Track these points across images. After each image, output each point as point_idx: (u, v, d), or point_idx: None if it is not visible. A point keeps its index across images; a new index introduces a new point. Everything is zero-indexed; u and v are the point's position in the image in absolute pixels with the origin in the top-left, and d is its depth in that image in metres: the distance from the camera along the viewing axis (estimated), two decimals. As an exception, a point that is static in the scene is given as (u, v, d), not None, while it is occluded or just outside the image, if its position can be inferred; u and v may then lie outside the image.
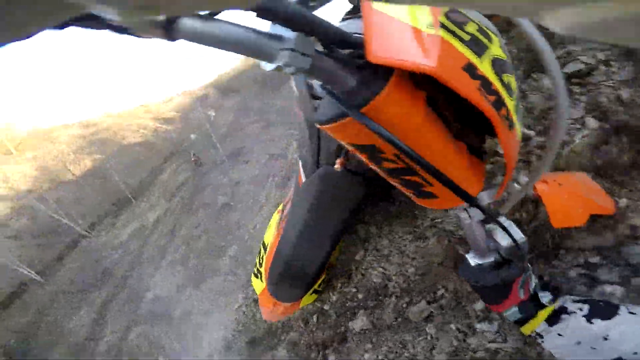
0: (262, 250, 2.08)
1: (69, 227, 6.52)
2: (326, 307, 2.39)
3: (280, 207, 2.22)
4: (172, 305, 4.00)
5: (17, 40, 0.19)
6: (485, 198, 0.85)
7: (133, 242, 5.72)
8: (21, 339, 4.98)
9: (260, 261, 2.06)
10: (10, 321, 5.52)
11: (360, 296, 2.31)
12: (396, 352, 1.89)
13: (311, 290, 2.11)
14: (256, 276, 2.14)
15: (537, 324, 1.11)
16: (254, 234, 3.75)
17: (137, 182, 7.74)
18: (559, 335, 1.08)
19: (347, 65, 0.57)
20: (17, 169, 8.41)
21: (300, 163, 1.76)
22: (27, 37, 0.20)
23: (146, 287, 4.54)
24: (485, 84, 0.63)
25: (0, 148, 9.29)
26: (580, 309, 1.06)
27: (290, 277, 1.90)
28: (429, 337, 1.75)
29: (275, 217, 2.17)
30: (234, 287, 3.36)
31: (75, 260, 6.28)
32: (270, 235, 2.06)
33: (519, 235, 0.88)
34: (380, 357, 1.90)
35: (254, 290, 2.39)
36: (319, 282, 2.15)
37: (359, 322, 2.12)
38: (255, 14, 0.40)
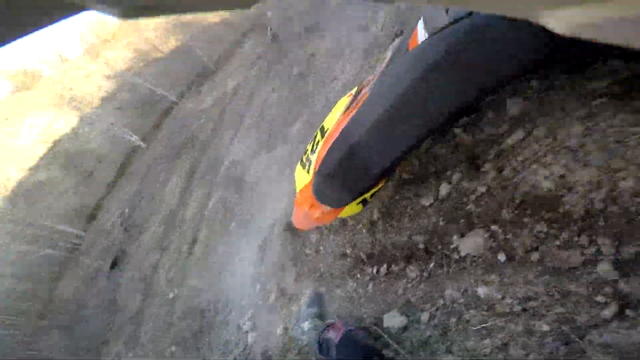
0: (319, 135, 1.60)
1: (163, 96, 6.71)
2: (425, 202, 1.59)
3: (353, 91, 1.69)
4: (245, 170, 3.59)
5: (18, 39, 0.19)
6: None
7: (215, 108, 5.51)
8: (131, 207, 5.35)
9: (314, 147, 1.58)
10: (123, 190, 6.04)
11: (493, 199, 1.38)
12: (543, 302, 1.12)
13: (360, 199, 1.53)
14: (303, 165, 1.66)
15: None
16: (325, 104, 3.12)
17: (218, 55, 7.43)
18: None
19: None
20: (114, 53, 9.06)
21: (420, 22, 1.17)
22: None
23: (225, 152, 4.23)
24: None
25: (99, 39, 9.97)
26: None
27: (345, 173, 1.36)
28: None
29: (344, 100, 1.69)
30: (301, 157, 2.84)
31: (169, 126, 6.54)
32: (333, 120, 1.57)
33: None
34: (509, 300, 1.21)
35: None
36: (374, 190, 1.57)
37: (472, 241, 1.37)
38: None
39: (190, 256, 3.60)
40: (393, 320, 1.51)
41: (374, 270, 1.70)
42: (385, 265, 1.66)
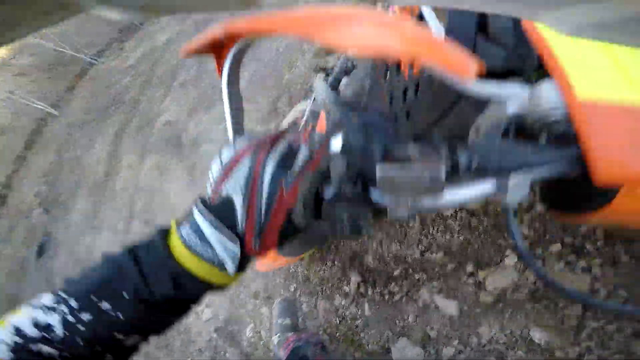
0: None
1: (76, 57, 5.49)
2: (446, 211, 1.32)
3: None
4: (182, 132, 2.96)
5: (15, 41, 0.18)
6: None
7: (143, 64, 4.55)
8: (49, 183, 4.30)
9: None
10: (36, 164, 4.90)
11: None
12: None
13: None
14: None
15: None
16: (275, 55, 2.58)
17: (143, 7, 6.00)
18: None
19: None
20: (0, 16, 6.90)
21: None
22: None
23: (157, 111, 3.49)
24: None
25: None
26: None
27: (304, 237, 1.19)
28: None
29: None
30: (247, 117, 2.26)
31: (86, 89, 5.38)
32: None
33: None
34: (577, 349, 0.92)
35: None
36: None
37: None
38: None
39: (127, 235, 2.93)
40: (405, 352, 1.22)
41: (369, 288, 1.38)
42: (384, 284, 1.34)
